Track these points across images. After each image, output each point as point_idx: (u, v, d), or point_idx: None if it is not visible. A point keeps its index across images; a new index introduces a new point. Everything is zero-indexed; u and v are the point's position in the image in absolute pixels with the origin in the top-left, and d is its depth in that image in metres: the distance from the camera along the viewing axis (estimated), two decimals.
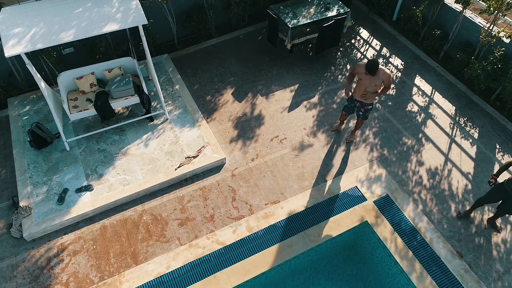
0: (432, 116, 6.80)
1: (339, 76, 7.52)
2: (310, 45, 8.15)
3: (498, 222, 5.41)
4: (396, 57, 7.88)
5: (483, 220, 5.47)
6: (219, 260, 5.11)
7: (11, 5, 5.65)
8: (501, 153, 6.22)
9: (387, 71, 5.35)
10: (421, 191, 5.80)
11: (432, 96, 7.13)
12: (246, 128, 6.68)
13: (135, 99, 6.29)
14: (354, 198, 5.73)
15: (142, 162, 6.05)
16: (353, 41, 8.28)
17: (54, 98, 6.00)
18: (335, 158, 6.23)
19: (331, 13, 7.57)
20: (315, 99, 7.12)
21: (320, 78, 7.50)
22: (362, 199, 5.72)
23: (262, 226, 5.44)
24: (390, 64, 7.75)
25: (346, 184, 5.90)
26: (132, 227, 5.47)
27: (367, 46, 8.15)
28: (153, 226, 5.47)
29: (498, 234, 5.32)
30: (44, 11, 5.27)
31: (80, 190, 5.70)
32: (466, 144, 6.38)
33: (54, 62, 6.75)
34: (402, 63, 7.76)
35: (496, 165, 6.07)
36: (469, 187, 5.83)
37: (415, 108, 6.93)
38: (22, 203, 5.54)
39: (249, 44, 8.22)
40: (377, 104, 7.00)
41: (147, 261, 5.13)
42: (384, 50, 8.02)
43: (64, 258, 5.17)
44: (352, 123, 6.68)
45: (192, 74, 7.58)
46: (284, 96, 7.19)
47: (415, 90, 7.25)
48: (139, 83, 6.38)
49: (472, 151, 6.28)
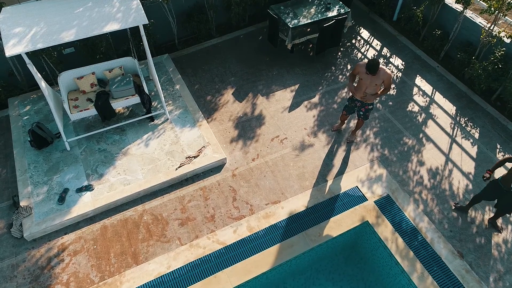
0: (433, 116, 6.79)
1: (340, 76, 7.52)
2: (311, 45, 8.15)
3: (499, 222, 5.41)
4: (396, 57, 7.87)
5: (484, 220, 5.46)
6: (219, 260, 5.10)
7: (12, 4, 5.65)
8: (501, 153, 6.21)
9: (388, 70, 5.35)
10: (422, 191, 5.80)
11: (432, 96, 7.12)
12: (247, 128, 6.68)
13: (136, 99, 6.29)
14: (355, 198, 5.72)
15: (142, 162, 6.04)
16: (353, 41, 8.28)
17: (55, 98, 6.00)
18: (336, 158, 6.23)
19: (332, 13, 7.57)
20: (315, 99, 7.12)
21: (321, 78, 7.50)
22: (363, 199, 5.71)
23: (263, 226, 5.44)
24: (390, 64, 7.74)
25: (346, 184, 5.90)
26: (133, 227, 5.46)
27: (368, 46, 8.14)
28: (153, 226, 5.46)
29: (499, 234, 5.31)
30: (45, 10, 5.27)
31: (80, 190, 5.70)
32: (466, 144, 6.37)
33: (54, 62, 6.75)
34: (403, 63, 7.76)
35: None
36: (470, 187, 5.83)
37: (416, 108, 6.93)
38: (23, 203, 5.54)
39: (249, 44, 8.22)
40: (377, 104, 7.00)
41: (148, 261, 5.13)
42: (384, 50, 8.02)
43: (65, 258, 5.17)
44: (353, 123, 6.68)
45: (193, 74, 7.58)
46: (284, 96, 7.18)
47: (415, 90, 7.25)
48: (140, 83, 6.38)
49: (473, 151, 6.27)
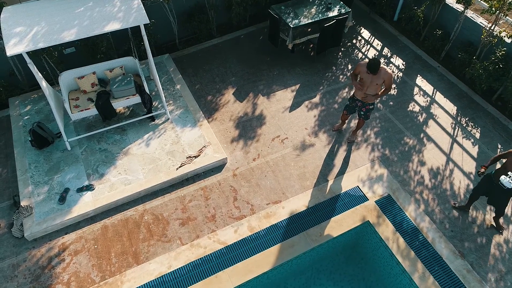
0: (434, 116, 6.79)
1: (341, 76, 7.52)
2: (312, 45, 8.15)
3: (501, 222, 5.40)
4: (397, 57, 7.87)
5: (485, 220, 5.45)
6: (220, 260, 5.10)
7: (12, 4, 5.65)
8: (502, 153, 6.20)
9: (389, 70, 5.35)
10: (423, 191, 5.79)
11: (433, 96, 7.12)
12: (248, 128, 6.67)
13: (137, 99, 6.28)
14: (356, 198, 5.72)
15: (143, 162, 6.04)
16: (354, 41, 8.27)
17: (55, 97, 5.99)
18: (337, 158, 6.23)
19: (332, 13, 7.57)
20: (316, 99, 7.11)
21: (321, 78, 7.50)
22: (364, 199, 5.70)
23: (264, 226, 5.43)
24: (391, 64, 7.74)
25: (347, 184, 5.89)
26: (133, 226, 5.46)
27: (368, 46, 8.14)
28: (154, 226, 5.46)
29: (500, 234, 5.30)
30: (46, 10, 5.27)
31: (81, 190, 5.70)
32: (467, 144, 6.37)
33: (55, 61, 6.75)
34: (404, 63, 7.75)
35: (498, 165, 6.04)
36: (470, 186, 5.82)
37: (417, 108, 6.92)
38: (23, 203, 5.53)
39: (250, 44, 8.22)
40: (378, 104, 6.99)
41: (149, 260, 5.12)
42: (385, 50, 8.02)
43: (65, 258, 5.16)
44: (354, 123, 6.67)
45: (193, 74, 7.58)
46: (285, 96, 7.18)
47: (416, 90, 7.24)
48: (141, 83, 6.37)
49: (474, 151, 6.27)
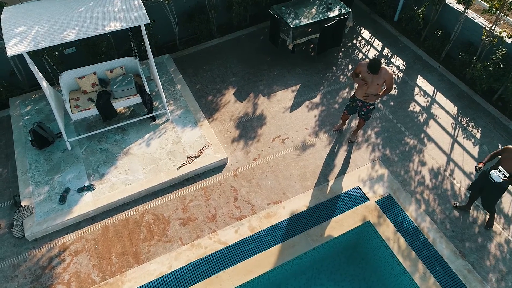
0: (434, 116, 6.79)
1: (341, 76, 7.52)
2: (312, 45, 8.15)
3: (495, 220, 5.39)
4: (397, 57, 7.87)
5: (486, 220, 5.45)
6: (221, 260, 5.09)
7: (13, 4, 5.65)
8: None
9: (389, 70, 5.35)
10: (423, 191, 5.79)
11: (434, 96, 7.12)
12: (248, 128, 6.67)
13: (137, 99, 6.28)
14: (356, 198, 5.71)
15: (144, 162, 6.03)
16: (354, 41, 8.27)
17: (56, 97, 5.99)
18: (337, 158, 6.22)
19: (333, 13, 7.57)
20: (317, 99, 7.11)
21: (322, 78, 7.49)
22: (365, 199, 5.70)
23: (264, 226, 5.42)
24: (391, 64, 7.74)
25: (348, 184, 5.89)
26: (134, 227, 5.45)
27: (369, 46, 8.14)
28: (155, 226, 5.45)
29: (501, 234, 5.30)
30: (46, 10, 5.27)
31: (81, 190, 5.69)
32: (468, 144, 6.36)
33: (56, 61, 6.76)
34: (404, 63, 7.75)
35: None
36: None
37: (417, 108, 6.92)
38: (24, 203, 5.53)
39: (250, 44, 8.22)
40: (379, 104, 6.99)
41: (149, 261, 5.12)
42: (385, 51, 8.02)
43: (66, 258, 5.16)
44: (354, 123, 6.67)
45: (194, 74, 7.58)
46: (285, 96, 7.18)
47: (417, 90, 7.24)
48: (141, 83, 6.37)
49: (475, 151, 6.26)
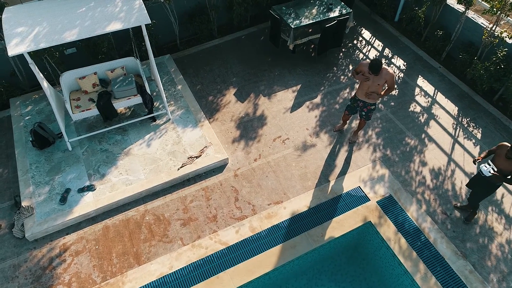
0: (435, 117, 6.78)
1: (342, 77, 7.51)
2: (313, 45, 8.15)
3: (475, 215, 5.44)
4: (398, 57, 7.87)
5: (487, 220, 5.45)
6: (222, 261, 5.09)
7: (14, 4, 5.65)
8: None
9: (390, 70, 5.35)
10: (424, 191, 5.78)
11: (434, 97, 7.11)
12: (249, 128, 6.67)
13: (138, 99, 6.28)
14: (357, 198, 5.71)
15: (144, 162, 6.03)
16: (355, 41, 8.27)
17: (57, 98, 5.99)
18: (338, 158, 6.22)
19: (333, 13, 7.57)
20: (317, 100, 7.11)
21: (323, 79, 7.49)
22: (365, 199, 5.69)
23: (265, 227, 5.42)
24: (392, 65, 7.74)
25: (349, 184, 5.88)
26: (135, 227, 5.45)
27: (369, 46, 8.14)
28: (155, 226, 5.45)
29: (502, 234, 5.29)
30: (47, 10, 5.27)
31: (82, 190, 5.69)
32: (469, 144, 6.36)
33: (56, 62, 6.75)
34: (404, 63, 7.75)
35: None
36: None
37: (418, 109, 6.92)
38: (24, 203, 5.52)
39: (251, 44, 8.22)
40: (379, 105, 6.99)
41: (150, 261, 5.11)
42: (386, 51, 8.02)
43: (66, 258, 5.15)
44: (355, 123, 6.67)
45: (194, 75, 7.58)
46: (286, 96, 7.18)
47: (417, 90, 7.24)
48: (142, 83, 6.37)
49: (475, 151, 6.26)
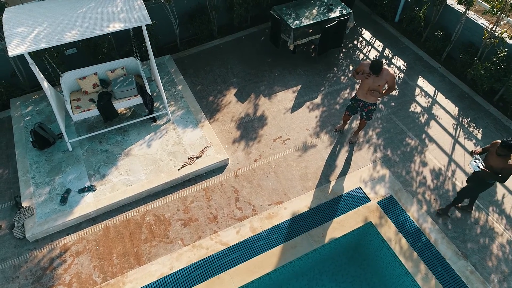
0: (435, 117, 6.78)
1: (342, 77, 7.51)
2: (313, 46, 8.15)
3: (449, 210, 5.49)
4: (398, 58, 7.87)
5: (488, 220, 5.44)
6: (222, 261, 5.08)
7: (14, 5, 5.65)
8: None
9: (391, 71, 5.35)
10: (425, 191, 5.78)
11: (435, 97, 7.11)
12: (249, 128, 6.66)
13: (138, 100, 6.27)
14: (358, 199, 5.70)
15: (145, 163, 6.03)
16: (355, 42, 8.27)
17: (57, 98, 5.99)
18: (339, 158, 6.22)
19: (334, 14, 7.57)
20: (317, 100, 7.11)
21: (323, 79, 7.49)
22: (366, 199, 5.69)
23: (266, 227, 5.42)
24: (392, 65, 7.74)
25: (349, 184, 5.88)
26: (135, 227, 5.44)
27: (370, 47, 8.14)
28: (156, 227, 5.44)
29: (503, 234, 5.29)
30: (48, 10, 5.27)
31: (82, 191, 5.68)
32: (469, 144, 6.35)
33: (57, 62, 6.75)
34: (405, 64, 7.75)
35: None
36: None
37: (418, 109, 6.91)
38: (25, 204, 5.52)
39: (251, 45, 8.22)
40: (380, 105, 6.99)
41: (150, 261, 5.11)
42: (386, 51, 8.02)
43: (67, 259, 5.15)
44: (355, 123, 6.66)
45: (195, 75, 7.57)
46: (286, 96, 7.17)
47: (418, 91, 7.24)
48: (142, 84, 6.36)
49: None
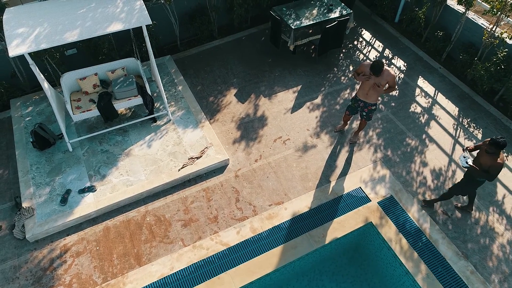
0: (436, 117, 6.78)
1: (342, 77, 7.51)
2: (313, 46, 8.16)
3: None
4: (398, 58, 7.87)
5: (488, 221, 5.44)
6: (223, 261, 5.08)
7: (15, 5, 5.65)
8: (505, 154, 6.20)
9: (392, 72, 5.34)
10: (425, 192, 5.78)
11: (435, 97, 7.12)
12: (249, 129, 6.66)
13: (138, 100, 6.27)
14: (358, 199, 5.70)
15: (145, 163, 6.03)
16: (355, 42, 8.28)
17: (57, 98, 5.99)
18: (339, 159, 6.21)
19: (334, 14, 7.58)
20: (318, 100, 7.11)
21: (323, 79, 7.49)
22: (366, 200, 5.69)
23: (266, 227, 5.41)
24: (392, 65, 7.74)
25: (350, 185, 5.88)
26: (136, 228, 5.44)
27: (370, 47, 8.14)
28: (156, 227, 5.44)
29: (503, 234, 5.29)
30: (48, 11, 5.27)
31: (83, 191, 5.68)
32: (469, 145, 6.33)
33: (57, 63, 6.75)
34: (405, 64, 7.75)
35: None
36: None
37: (418, 109, 6.92)
38: (25, 204, 5.51)
39: (251, 45, 8.22)
40: (380, 105, 6.99)
41: (151, 262, 5.10)
42: (386, 52, 8.02)
43: (67, 259, 5.14)
44: (356, 124, 6.66)
45: (195, 75, 7.58)
46: (287, 97, 7.18)
47: (418, 91, 7.24)
48: (142, 84, 6.36)
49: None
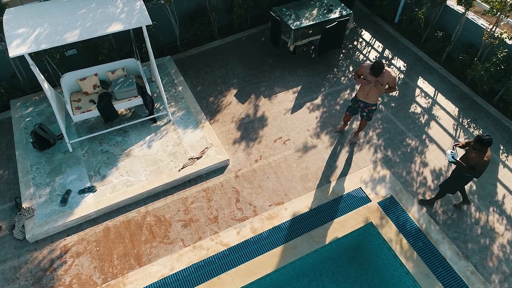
0: (436, 117, 6.79)
1: (342, 78, 7.52)
2: (313, 46, 8.16)
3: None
4: (398, 58, 7.88)
5: (488, 221, 5.44)
6: (223, 262, 5.08)
7: (15, 6, 5.66)
8: (505, 154, 6.20)
9: (392, 73, 5.33)
10: (425, 192, 5.78)
11: (435, 98, 7.12)
12: (249, 129, 6.67)
13: (138, 100, 6.27)
14: (359, 199, 5.70)
15: (145, 163, 6.02)
16: (355, 43, 8.28)
17: (57, 99, 5.99)
18: (339, 159, 6.22)
19: (334, 15, 7.58)
20: (318, 101, 7.11)
21: (323, 80, 7.50)
22: (367, 200, 5.69)
23: (266, 227, 5.41)
24: (392, 66, 7.75)
25: (350, 185, 5.88)
26: (136, 228, 5.44)
27: (369, 48, 8.15)
28: (156, 228, 5.44)
29: (503, 234, 5.29)
30: (48, 11, 5.27)
31: (83, 192, 5.68)
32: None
33: (57, 63, 6.75)
34: (405, 64, 7.76)
35: (500, 165, 6.05)
36: (473, 188, 5.81)
37: (418, 110, 6.92)
38: (25, 205, 5.51)
39: (251, 46, 8.22)
40: (380, 106, 6.99)
41: (151, 262, 5.10)
42: (386, 52, 8.03)
43: (67, 260, 5.14)
44: (356, 124, 6.67)
45: (195, 76, 7.58)
46: (287, 97, 7.18)
47: (418, 91, 7.24)
48: (142, 84, 6.36)
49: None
